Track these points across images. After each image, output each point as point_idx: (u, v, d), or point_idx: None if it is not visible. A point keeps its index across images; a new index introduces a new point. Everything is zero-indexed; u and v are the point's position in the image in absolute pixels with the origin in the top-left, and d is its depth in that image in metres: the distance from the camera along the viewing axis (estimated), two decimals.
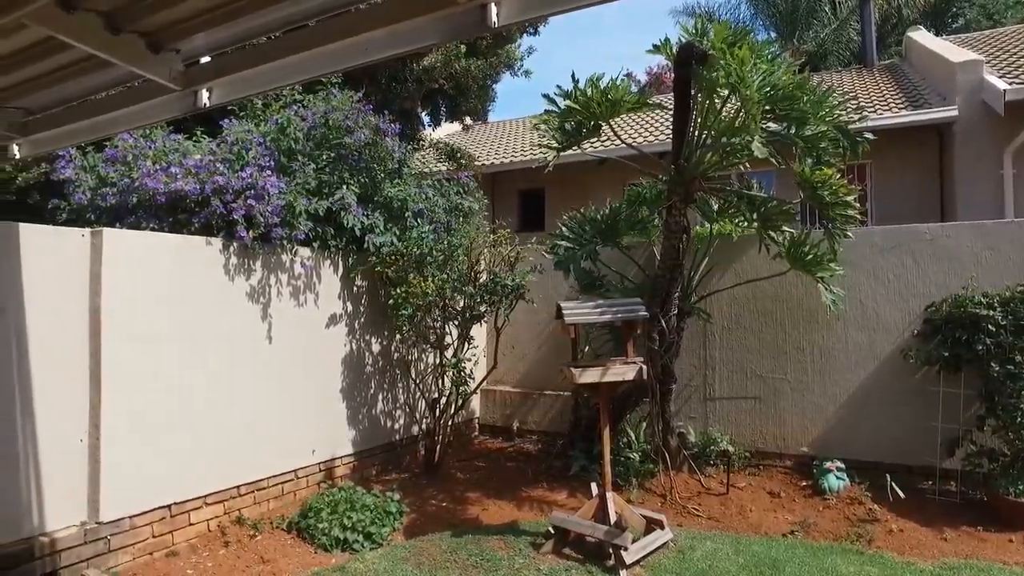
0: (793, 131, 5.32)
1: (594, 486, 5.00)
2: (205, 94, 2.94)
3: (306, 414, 5.69)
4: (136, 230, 4.88)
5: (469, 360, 6.39)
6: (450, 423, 6.61)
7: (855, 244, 5.94)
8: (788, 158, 5.55)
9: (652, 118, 13.52)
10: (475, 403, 8.11)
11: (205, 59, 2.97)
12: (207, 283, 4.89)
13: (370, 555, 4.69)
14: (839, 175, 5.32)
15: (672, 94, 5.57)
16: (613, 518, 4.50)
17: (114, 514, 4.28)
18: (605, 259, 6.62)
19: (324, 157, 6.02)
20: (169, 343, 4.60)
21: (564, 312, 4.63)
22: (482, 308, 6.42)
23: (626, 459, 6.11)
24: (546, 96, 5.52)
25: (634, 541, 4.47)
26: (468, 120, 11.59)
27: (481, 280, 6.43)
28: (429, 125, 11.13)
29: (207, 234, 4.99)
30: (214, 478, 4.91)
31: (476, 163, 11.25)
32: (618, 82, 5.24)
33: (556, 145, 5.93)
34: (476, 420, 8.30)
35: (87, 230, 4.29)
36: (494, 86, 11.15)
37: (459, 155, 10.63)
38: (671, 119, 5.80)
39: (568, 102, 5.35)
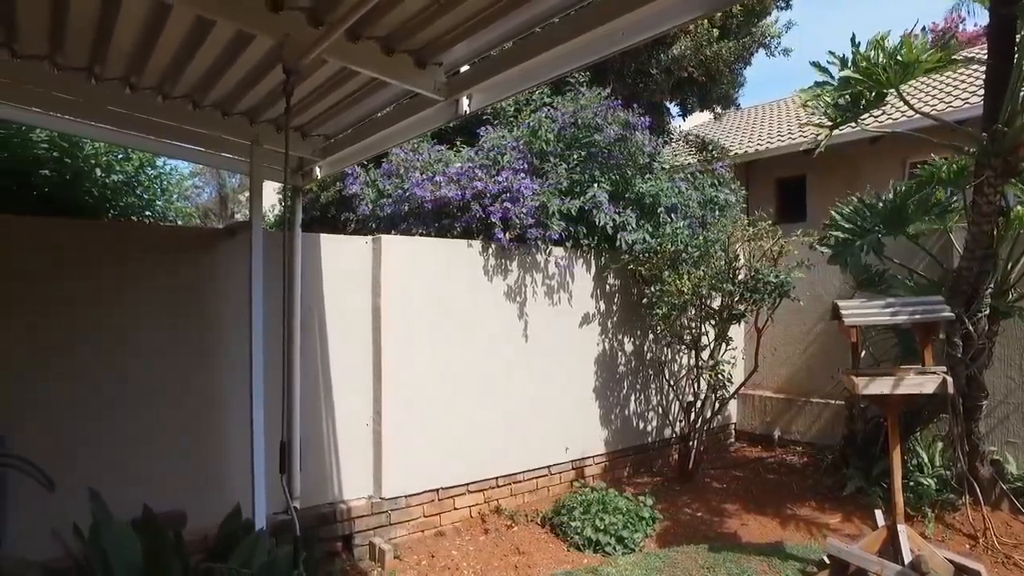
0: None
1: (879, 513, 4.30)
2: (465, 101, 3.06)
3: (560, 412, 5.78)
4: (407, 235, 5.38)
5: (727, 362, 5.96)
6: (705, 428, 6.25)
7: None
8: None
9: (946, 81, 11.41)
10: (731, 408, 7.60)
11: (464, 68, 3.10)
12: (468, 283, 5.20)
13: (622, 560, 4.58)
14: None
15: (975, 48, 4.55)
16: (907, 556, 3.80)
17: (393, 492, 4.76)
18: (886, 250, 5.70)
19: (575, 156, 6.06)
20: (436, 340, 4.98)
21: (843, 312, 4.03)
22: (741, 307, 5.96)
23: (917, 485, 5.21)
24: (816, 64, 4.86)
25: None
26: (718, 108, 10.92)
27: (740, 277, 5.96)
28: (678, 116, 10.70)
29: (468, 237, 5.32)
30: (475, 468, 5.21)
31: (729, 152, 10.55)
32: (911, 39, 4.41)
33: (828, 123, 5.22)
34: (732, 426, 7.78)
35: (369, 237, 4.82)
36: (744, 71, 10.36)
37: (710, 146, 10.05)
38: (975, 79, 4.74)
39: (846, 71, 4.65)
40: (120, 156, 5.50)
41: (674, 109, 10.53)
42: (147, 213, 5.98)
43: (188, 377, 4.04)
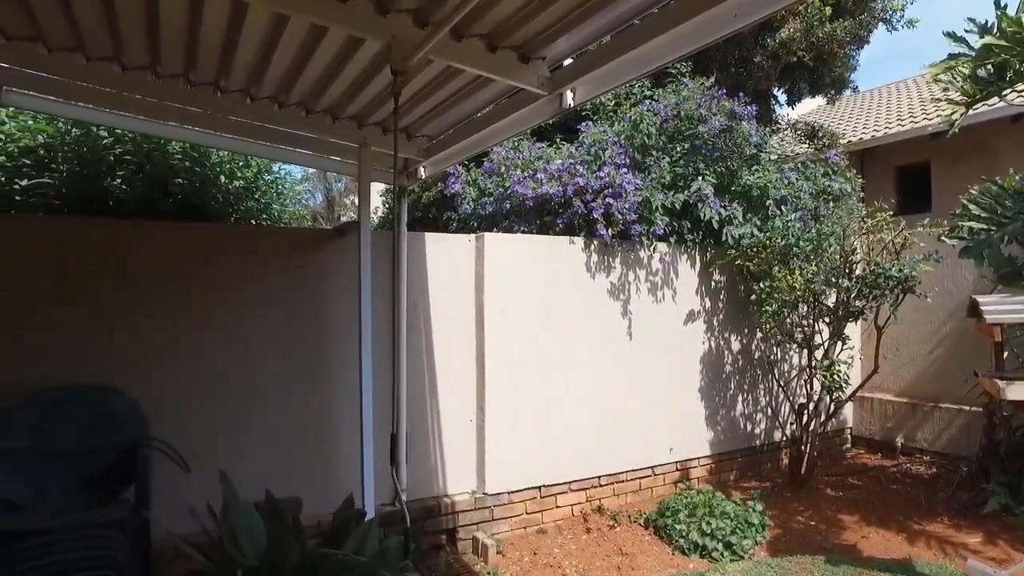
0: None
1: None
2: (569, 95, 3.02)
3: (664, 412, 5.64)
4: (509, 233, 5.40)
5: (843, 362, 5.60)
6: (819, 432, 5.90)
7: None
8: None
9: None
10: (847, 411, 7.15)
11: (567, 61, 3.06)
12: (571, 280, 5.15)
13: (731, 567, 4.41)
14: None
15: None
16: None
17: (496, 488, 4.79)
18: None
19: (678, 149, 5.89)
20: (539, 337, 4.97)
21: (983, 308, 3.68)
22: (859, 303, 5.57)
23: None
24: (950, 35, 4.37)
25: None
26: (831, 93, 10.25)
27: (857, 272, 5.58)
28: (786, 104, 10.14)
29: (570, 234, 5.28)
30: (577, 467, 5.16)
31: (841, 140, 9.88)
32: None
33: (963, 99, 4.74)
34: (848, 430, 7.32)
35: (472, 235, 4.87)
36: (860, 51, 9.66)
37: (821, 133, 9.45)
38: None
39: (988, 38, 4.17)
40: (241, 163, 5.89)
41: (781, 96, 10.00)
42: (264, 216, 6.35)
43: (302, 371, 4.24)
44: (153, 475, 3.40)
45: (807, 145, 9.26)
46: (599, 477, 5.29)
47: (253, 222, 6.15)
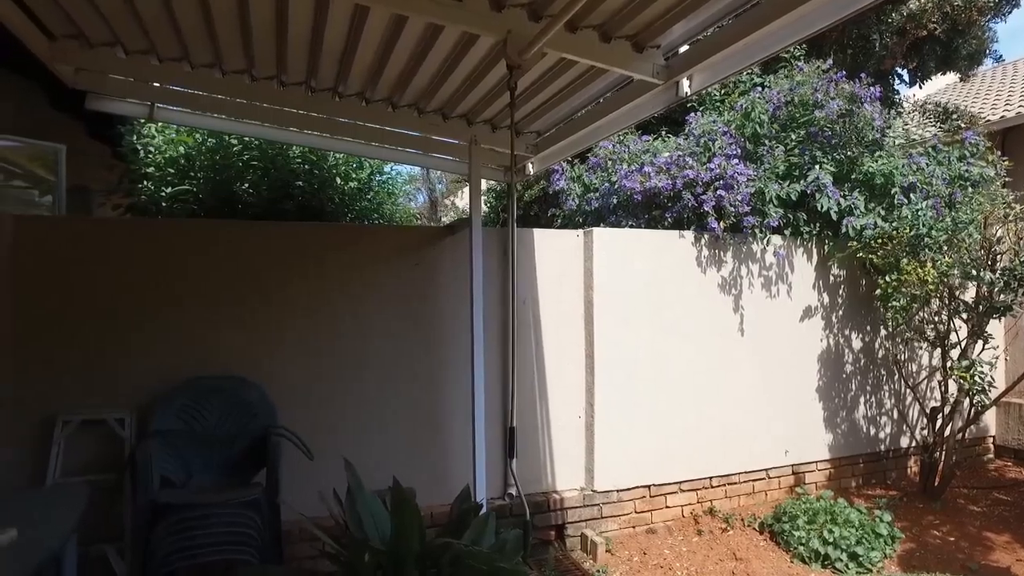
0: None
1: None
2: (685, 83, 2.95)
3: (778, 412, 5.38)
4: (616, 228, 5.32)
5: (986, 363, 5.12)
6: (955, 439, 5.43)
7: None
8: None
9: None
10: (988, 418, 6.54)
11: (683, 48, 2.99)
12: (680, 275, 5.02)
13: None
14: None
15: None
16: None
17: (605, 485, 4.75)
18: None
19: (792, 138, 5.59)
20: (648, 332, 4.87)
21: None
22: (1003, 298, 5.08)
23: None
24: None
25: None
26: (964, 68, 9.36)
27: (1002, 263, 5.09)
28: (910, 84, 9.37)
29: (678, 228, 5.14)
30: (687, 467, 5.03)
31: (979, 120, 8.99)
32: None
33: None
34: (990, 439, 6.70)
35: (580, 231, 4.85)
36: (1006, 17, 8.75)
37: (955, 114, 8.65)
38: None
39: None
40: (355, 165, 6.16)
41: (906, 75, 9.25)
42: (376, 215, 6.61)
43: (414, 367, 4.38)
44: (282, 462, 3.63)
45: (936, 127, 8.53)
46: (710, 478, 5.13)
47: (366, 221, 6.41)
